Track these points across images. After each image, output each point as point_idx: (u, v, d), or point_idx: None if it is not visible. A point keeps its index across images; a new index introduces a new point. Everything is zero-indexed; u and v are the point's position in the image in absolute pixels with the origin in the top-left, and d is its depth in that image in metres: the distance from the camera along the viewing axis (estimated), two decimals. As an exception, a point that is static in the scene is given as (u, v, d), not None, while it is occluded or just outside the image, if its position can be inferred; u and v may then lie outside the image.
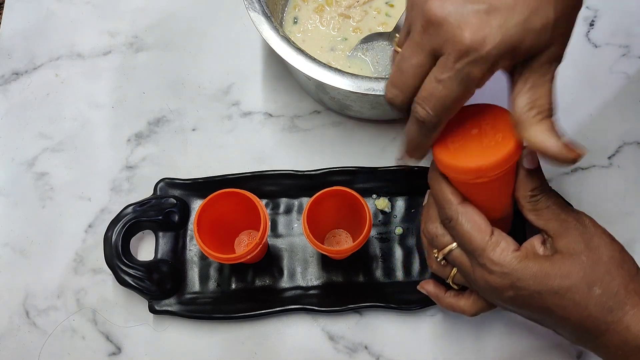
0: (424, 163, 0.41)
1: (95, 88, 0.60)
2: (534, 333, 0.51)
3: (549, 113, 0.32)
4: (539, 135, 0.32)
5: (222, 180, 0.54)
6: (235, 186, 0.48)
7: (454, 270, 0.40)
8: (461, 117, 0.35)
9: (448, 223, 0.38)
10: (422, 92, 0.33)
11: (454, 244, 0.38)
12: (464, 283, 0.41)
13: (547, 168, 0.56)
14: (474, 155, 0.34)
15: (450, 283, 0.42)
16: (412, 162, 0.38)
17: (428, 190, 0.42)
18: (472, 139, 0.35)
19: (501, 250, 0.36)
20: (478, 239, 0.36)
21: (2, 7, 0.74)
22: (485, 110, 0.36)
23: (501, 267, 0.35)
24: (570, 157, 0.32)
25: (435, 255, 0.40)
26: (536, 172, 0.37)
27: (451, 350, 0.50)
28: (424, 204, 0.42)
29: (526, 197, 0.36)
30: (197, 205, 0.54)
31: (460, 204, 0.37)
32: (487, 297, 0.39)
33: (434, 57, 0.32)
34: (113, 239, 0.50)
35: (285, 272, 0.52)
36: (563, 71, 0.60)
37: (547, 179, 0.55)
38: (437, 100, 0.32)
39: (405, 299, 0.50)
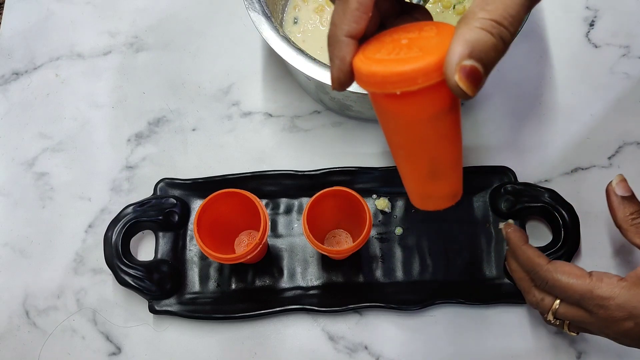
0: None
1: (95, 88, 0.60)
2: (534, 333, 0.51)
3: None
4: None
5: (222, 180, 0.54)
6: (235, 186, 0.48)
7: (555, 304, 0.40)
8: (393, 33, 0.29)
9: (545, 285, 0.39)
10: None
11: (558, 301, 0.39)
12: (578, 324, 0.41)
13: (547, 168, 0.56)
14: (397, 62, 0.26)
15: (563, 327, 0.42)
16: (335, 73, 0.29)
17: (502, 225, 0.43)
18: (400, 48, 0.27)
19: (607, 284, 0.36)
20: (581, 285, 0.36)
21: (2, 7, 0.74)
22: (419, 25, 0.29)
23: (614, 300, 0.35)
24: None
25: (547, 317, 0.41)
26: (631, 198, 0.37)
27: (451, 350, 0.50)
28: (505, 252, 0.43)
29: (627, 220, 0.37)
30: (197, 205, 0.54)
31: (548, 263, 0.38)
32: (611, 336, 0.39)
33: None
34: (113, 239, 0.50)
35: (285, 272, 0.52)
36: (563, 71, 0.61)
37: (546, 179, 0.55)
38: None
39: (405, 299, 0.50)
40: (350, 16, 0.27)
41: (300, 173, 0.54)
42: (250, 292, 0.51)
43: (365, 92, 0.46)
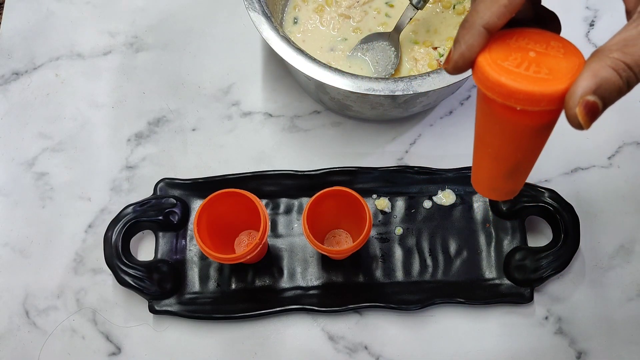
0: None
1: (95, 88, 0.60)
2: (534, 333, 0.51)
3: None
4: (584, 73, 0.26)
5: (222, 180, 0.54)
6: (235, 186, 0.48)
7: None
8: (518, 37, 0.29)
9: None
10: None
11: None
12: None
13: (547, 168, 0.56)
14: (526, 78, 0.26)
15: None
16: (455, 54, 0.28)
17: None
18: (528, 62, 0.27)
19: None
20: None
21: (2, 7, 0.74)
22: (546, 36, 0.29)
23: None
24: (573, 120, 0.27)
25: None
26: None
27: (451, 350, 0.50)
28: None
29: None
30: (197, 205, 0.54)
31: None
32: None
33: None
34: (113, 239, 0.50)
35: (285, 272, 0.52)
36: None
37: (546, 179, 0.55)
38: None
39: (405, 299, 0.50)
40: (497, 10, 0.27)
41: (300, 173, 0.54)
42: (250, 292, 0.51)
43: (364, 92, 0.46)
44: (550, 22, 0.31)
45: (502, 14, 0.27)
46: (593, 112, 0.26)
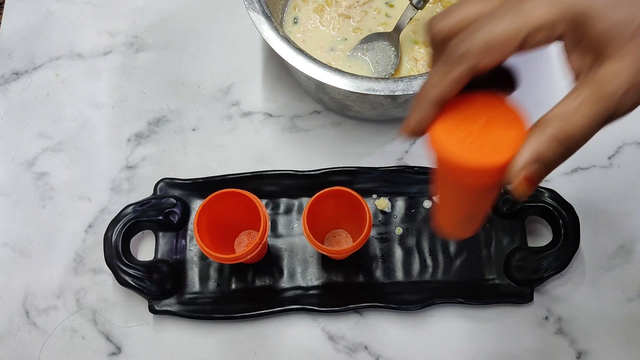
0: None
1: (95, 88, 0.60)
2: (534, 333, 0.51)
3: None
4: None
5: (222, 180, 0.54)
6: (235, 186, 0.48)
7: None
8: (468, 104, 0.31)
9: None
10: (471, 27, 0.28)
11: None
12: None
13: (547, 168, 0.56)
14: (472, 152, 0.28)
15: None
16: (412, 122, 0.30)
17: None
18: (476, 133, 0.29)
19: None
20: None
21: (2, 7, 0.74)
22: (494, 101, 0.31)
23: None
24: (513, 192, 0.28)
25: None
26: None
27: (451, 350, 0.50)
28: None
29: None
30: (197, 205, 0.54)
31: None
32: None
33: None
34: (113, 239, 0.50)
35: (285, 272, 0.52)
36: (563, 71, 0.60)
37: (546, 179, 0.55)
38: (481, 33, 0.27)
39: (405, 299, 0.50)
40: (447, 85, 0.29)
41: (300, 173, 0.54)
42: (250, 292, 0.51)
43: (364, 92, 0.46)
44: (507, 79, 0.32)
45: (452, 89, 0.29)
46: (532, 183, 0.27)
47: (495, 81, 0.32)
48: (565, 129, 0.27)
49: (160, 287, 0.50)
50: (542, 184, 0.54)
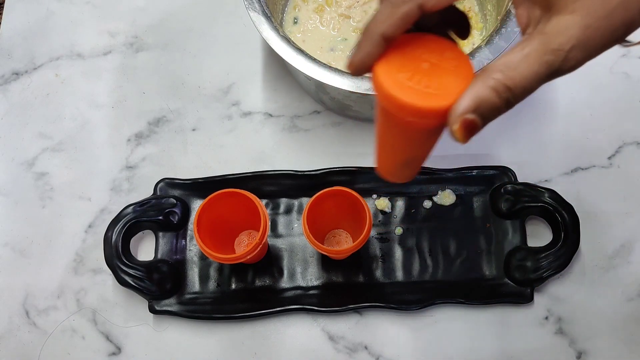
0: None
1: (95, 88, 0.60)
2: (534, 333, 0.51)
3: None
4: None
5: (222, 180, 0.54)
6: (235, 186, 0.48)
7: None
8: (416, 46, 0.30)
9: None
10: None
11: None
12: None
13: (547, 168, 0.56)
14: (415, 93, 0.28)
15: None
16: (355, 59, 0.30)
17: None
18: (421, 74, 0.29)
19: None
20: None
21: (2, 7, 0.74)
22: (443, 45, 0.30)
23: None
24: (453, 134, 0.28)
25: None
26: None
27: (450, 350, 0.50)
28: None
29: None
30: (197, 205, 0.54)
31: None
32: None
33: None
34: (113, 239, 0.50)
35: (285, 272, 0.52)
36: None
37: (546, 179, 0.55)
38: None
39: (405, 299, 0.50)
40: (393, 21, 0.28)
41: (300, 173, 0.54)
42: (250, 292, 0.51)
43: (364, 92, 0.46)
44: (458, 24, 0.32)
45: (398, 26, 0.28)
46: (471, 129, 0.27)
47: (448, 25, 0.31)
48: (506, 81, 0.26)
49: (160, 287, 0.50)
50: (542, 184, 0.54)
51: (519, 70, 0.26)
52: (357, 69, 0.30)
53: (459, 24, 0.32)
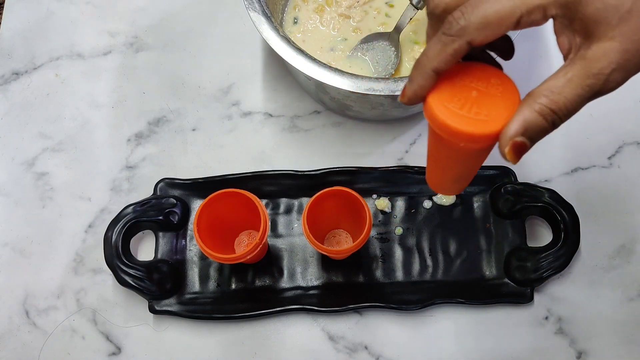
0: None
1: (95, 88, 0.60)
2: (534, 333, 0.51)
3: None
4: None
5: (222, 180, 0.54)
6: (235, 186, 0.48)
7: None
8: (464, 75, 0.32)
9: None
10: (469, 4, 0.30)
11: None
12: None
13: (547, 168, 0.56)
14: (467, 121, 0.31)
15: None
16: (409, 91, 0.33)
17: None
18: (471, 103, 0.32)
19: None
20: None
21: (2, 7, 0.74)
22: (488, 72, 0.33)
23: None
24: (505, 157, 0.30)
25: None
26: None
27: (451, 350, 0.50)
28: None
29: None
30: (197, 205, 0.54)
31: None
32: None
33: None
34: (113, 239, 0.50)
35: (285, 272, 0.52)
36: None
37: (546, 179, 0.55)
38: (478, 10, 0.29)
39: (405, 299, 0.50)
40: (444, 57, 0.31)
41: (300, 173, 0.54)
42: (250, 292, 0.51)
43: (364, 92, 0.46)
44: (501, 47, 0.34)
45: (449, 62, 0.31)
46: (520, 150, 0.30)
47: (491, 48, 0.33)
48: (551, 105, 0.29)
49: (160, 287, 0.50)
50: (542, 184, 0.54)
51: (563, 94, 0.29)
52: (411, 100, 0.33)
53: (502, 47, 0.34)
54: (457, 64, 0.32)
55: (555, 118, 0.29)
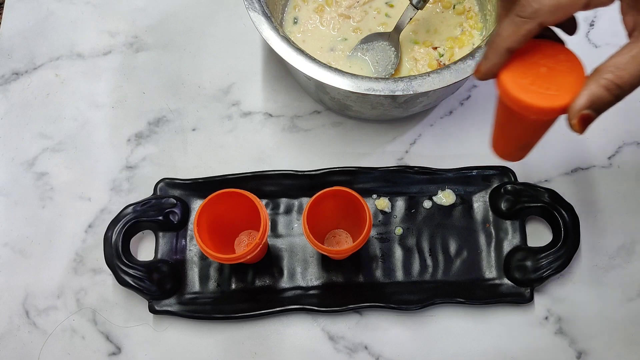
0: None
1: (95, 88, 0.60)
2: (534, 333, 0.51)
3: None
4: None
5: (222, 180, 0.54)
6: (235, 186, 0.48)
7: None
8: (533, 52, 0.35)
9: None
10: None
11: None
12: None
13: (547, 168, 0.56)
14: (538, 95, 0.34)
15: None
16: (483, 68, 0.36)
17: None
18: (541, 79, 0.34)
19: None
20: None
21: (2, 7, 0.74)
22: (556, 49, 0.36)
23: None
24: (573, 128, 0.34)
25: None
26: None
27: (451, 350, 0.50)
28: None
29: None
30: (197, 205, 0.54)
31: None
32: None
33: None
34: (113, 239, 0.50)
35: (285, 272, 0.52)
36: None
37: (546, 179, 0.55)
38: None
39: (405, 299, 0.50)
40: (517, 38, 0.34)
41: (300, 173, 0.54)
42: (250, 292, 0.51)
43: (364, 92, 0.46)
44: (566, 25, 0.37)
45: (521, 42, 0.34)
46: (587, 122, 0.33)
47: (556, 25, 0.35)
48: (617, 80, 0.32)
49: (160, 287, 0.50)
50: (542, 184, 0.54)
51: (628, 70, 0.31)
52: (485, 76, 0.36)
53: (567, 23, 0.36)
54: (527, 44, 0.34)
55: (619, 92, 0.32)
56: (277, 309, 0.50)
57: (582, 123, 0.33)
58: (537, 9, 0.33)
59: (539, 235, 0.54)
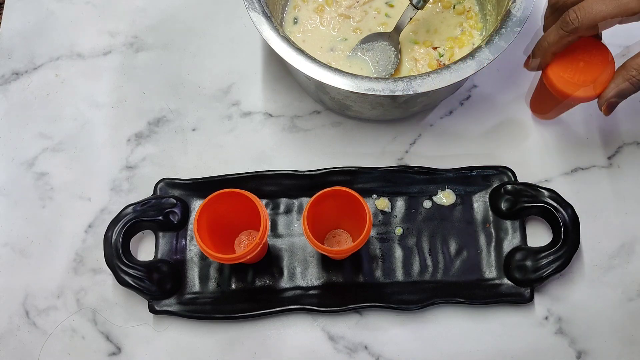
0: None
1: (95, 88, 0.60)
2: (534, 333, 0.51)
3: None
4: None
5: (222, 180, 0.54)
6: (235, 186, 0.48)
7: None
8: (572, 49, 0.45)
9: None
10: (580, 4, 0.42)
11: None
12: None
13: (547, 168, 0.56)
14: (577, 87, 0.46)
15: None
16: (533, 64, 0.48)
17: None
18: (579, 72, 0.45)
19: None
20: None
21: (2, 7, 0.74)
22: (590, 44, 0.46)
23: None
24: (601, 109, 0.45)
25: None
26: None
27: (451, 350, 0.50)
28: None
29: None
30: (197, 205, 0.54)
31: None
32: None
33: None
34: (113, 239, 0.50)
35: (285, 272, 0.52)
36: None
37: (546, 179, 0.55)
38: (589, 14, 0.41)
39: (405, 299, 0.50)
40: (561, 46, 0.45)
41: (300, 173, 0.54)
42: (250, 292, 0.51)
43: (364, 92, 0.46)
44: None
45: (564, 48, 0.45)
46: (613, 107, 0.45)
47: None
48: (639, 77, 0.43)
49: (160, 287, 0.50)
50: (542, 184, 0.54)
51: None
52: (533, 70, 0.49)
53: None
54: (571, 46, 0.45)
55: (638, 87, 0.43)
56: (277, 309, 0.50)
57: (610, 108, 0.45)
58: (577, 27, 0.42)
59: (539, 235, 0.54)
